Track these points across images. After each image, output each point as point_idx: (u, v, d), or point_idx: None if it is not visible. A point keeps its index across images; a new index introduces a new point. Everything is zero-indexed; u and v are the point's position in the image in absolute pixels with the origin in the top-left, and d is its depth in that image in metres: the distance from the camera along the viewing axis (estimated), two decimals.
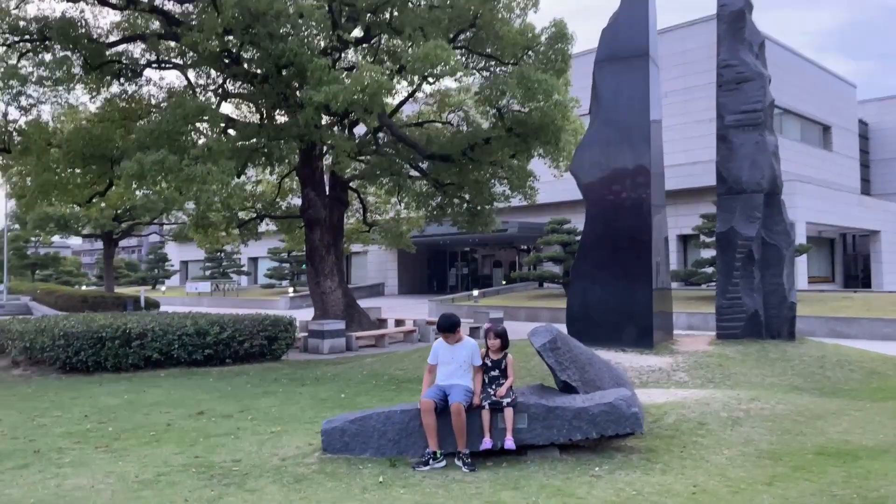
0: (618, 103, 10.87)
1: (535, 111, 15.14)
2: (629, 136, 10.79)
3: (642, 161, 10.68)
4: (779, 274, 11.41)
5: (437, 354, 5.76)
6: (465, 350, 5.69)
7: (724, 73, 12.06)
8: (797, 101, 33.47)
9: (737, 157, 11.66)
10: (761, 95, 11.79)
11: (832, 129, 36.59)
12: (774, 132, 12.22)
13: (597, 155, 11.02)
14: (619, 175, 10.85)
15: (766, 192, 11.54)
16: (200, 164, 12.61)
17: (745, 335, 11.18)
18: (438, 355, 5.74)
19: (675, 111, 30.33)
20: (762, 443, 5.91)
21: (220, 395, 8.77)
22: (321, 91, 12.35)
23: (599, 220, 11.00)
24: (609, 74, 10.95)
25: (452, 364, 5.63)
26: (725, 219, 11.57)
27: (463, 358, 5.64)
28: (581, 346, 6.46)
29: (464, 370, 5.65)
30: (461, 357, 5.65)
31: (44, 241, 41.46)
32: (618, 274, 10.79)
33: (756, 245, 11.33)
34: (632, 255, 10.69)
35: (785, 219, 11.64)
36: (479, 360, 5.68)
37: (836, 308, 19.59)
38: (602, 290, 10.90)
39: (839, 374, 9.54)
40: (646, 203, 10.65)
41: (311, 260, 19.23)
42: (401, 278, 42.71)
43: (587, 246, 11.11)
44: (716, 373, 9.33)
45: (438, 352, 5.76)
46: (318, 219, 19.02)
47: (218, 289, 43.43)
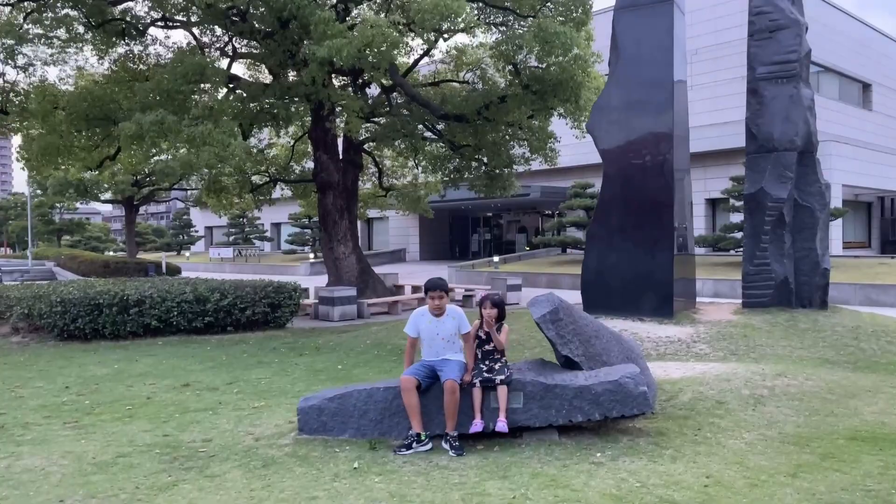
0: (639, 55, 10.06)
1: (553, 66, 14.33)
2: (651, 91, 10.00)
3: (665, 118, 9.89)
4: (811, 238, 10.63)
5: (417, 326, 5.21)
6: (451, 323, 5.14)
7: (757, 21, 11.13)
8: (835, 58, 31.80)
9: (768, 112, 10.79)
10: (797, 45, 10.86)
11: (872, 87, 34.82)
12: (810, 85, 11.31)
13: (615, 111, 10.26)
14: (639, 133, 10.08)
15: (799, 149, 10.70)
16: (201, 125, 12.14)
17: (773, 303, 10.47)
18: (420, 328, 5.19)
19: (705, 69, 29.04)
20: (787, 425, 5.31)
21: (213, 366, 8.39)
22: (324, 46, 11.71)
23: (617, 181, 10.29)
24: (630, 22, 10.12)
25: (437, 339, 5.11)
26: (754, 179, 10.77)
27: (450, 331, 5.12)
28: (588, 317, 5.87)
29: (454, 344, 5.13)
30: (447, 331, 5.12)
31: (68, 207, 41.72)
32: (636, 239, 10.11)
33: (787, 207, 10.54)
34: (652, 219, 9.98)
35: (820, 179, 10.80)
36: (467, 325, 5.15)
37: (872, 275, 18.64)
38: (619, 255, 10.24)
39: (875, 346, 8.83)
40: (668, 163, 9.89)
41: (325, 225, 18.78)
42: (422, 244, 42.24)
43: (604, 209, 10.42)
44: (740, 344, 8.69)
45: (420, 324, 5.21)
46: (330, 182, 18.51)
47: (240, 254, 43.44)
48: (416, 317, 5.28)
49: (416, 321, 5.25)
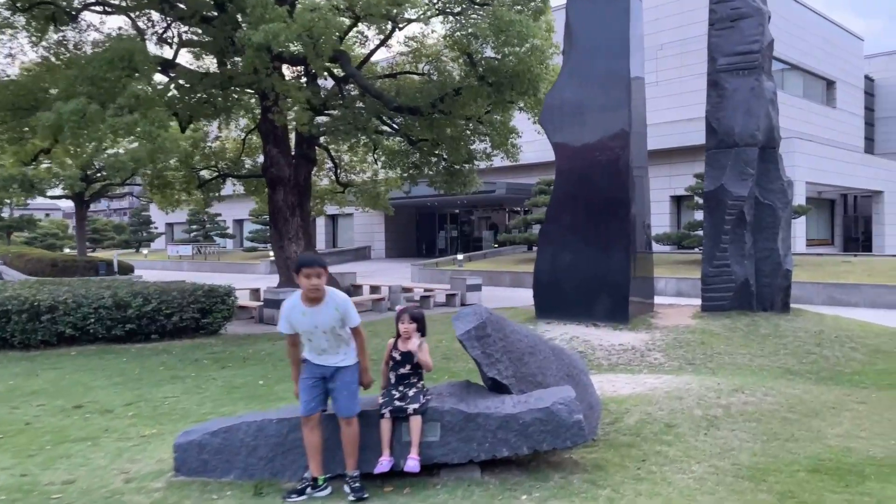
0: (594, 44, 9.44)
1: (509, 58, 13.66)
2: (607, 83, 9.38)
3: (621, 112, 9.29)
4: (773, 238, 10.13)
5: (290, 320, 4.17)
6: (331, 313, 4.11)
7: (718, 10, 10.59)
8: (800, 55, 31.72)
9: (729, 105, 10.27)
10: (759, 34, 10.34)
11: (836, 85, 34.87)
12: (773, 78, 10.80)
13: (569, 104, 9.63)
14: (593, 127, 9.47)
15: (761, 145, 10.20)
16: (127, 115, 11.23)
17: (733, 307, 9.96)
18: (294, 322, 4.17)
19: (671, 64, 28.69)
20: (743, 453, 4.71)
21: (120, 381, 7.56)
22: (261, 30, 10.88)
23: (571, 177, 9.67)
24: (584, 9, 9.49)
25: (318, 333, 4.13)
26: (714, 176, 10.23)
27: (330, 322, 4.11)
28: (523, 330, 5.19)
29: (342, 340, 4.19)
30: (327, 322, 4.10)
31: (17, 203, 39.98)
32: (591, 238, 9.51)
33: (748, 205, 10.02)
34: (607, 217, 9.38)
35: (782, 176, 10.31)
36: (355, 319, 4.20)
37: (836, 273, 18.37)
38: (573, 256, 9.63)
39: (839, 353, 8.34)
40: (623, 159, 9.29)
41: (275, 222, 17.92)
42: (388, 241, 41.42)
43: (557, 206, 9.80)
44: (697, 352, 8.12)
45: (293, 317, 4.16)
46: (280, 178, 17.65)
47: (200, 252, 42.17)
48: (287, 309, 4.19)
49: (287, 314, 4.18)
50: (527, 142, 19.41)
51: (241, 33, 11.41)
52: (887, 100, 43.46)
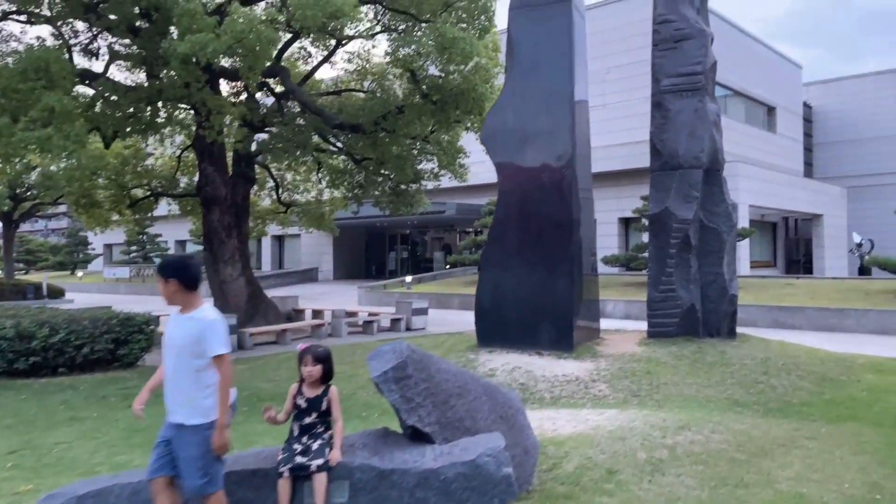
0: (536, 60, 9.11)
1: (453, 75, 13.31)
2: (549, 100, 9.05)
3: (564, 130, 8.96)
4: (718, 262, 9.91)
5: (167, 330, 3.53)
6: (186, 325, 3.39)
7: (661, 30, 10.44)
8: (742, 81, 32.47)
9: (673, 127, 10.07)
10: (702, 56, 10.21)
11: (777, 111, 35.82)
12: (716, 100, 10.68)
13: (511, 120, 9.26)
14: (536, 146, 9.11)
15: (705, 167, 10.01)
16: (40, 129, 10.42)
17: (680, 332, 9.67)
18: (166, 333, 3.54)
19: (619, 88, 28.96)
20: (689, 503, 4.27)
21: (11, 423, 6.75)
22: (186, 41, 10.25)
23: (514, 198, 9.28)
24: (525, 24, 9.17)
25: (168, 356, 3.41)
26: (659, 198, 9.99)
27: (181, 340, 3.37)
28: (452, 367, 4.69)
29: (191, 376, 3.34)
30: (178, 337, 3.39)
31: None
32: (534, 262, 9.10)
33: (693, 229, 9.79)
34: (551, 240, 9.00)
35: (726, 199, 10.14)
36: (219, 346, 3.33)
37: (780, 296, 18.48)
38: (516, 281, 9.20)
39: (786, 381, 8.07)
40: (567, 180, 8.95)
41: (209, 244, 17.09)
42: (337, 263, 40.57)
43: (499, 228, 9.38)
44: (643, 383, 7.75)
45: (168, 326, 3.53)
46: (216, 197, 16.87)
47: (138, 274, 40.53)
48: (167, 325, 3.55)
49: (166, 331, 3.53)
50: (477, 162, 19.07)
51: (165, 44, 10.74)
52: (825, 126, 44.98)
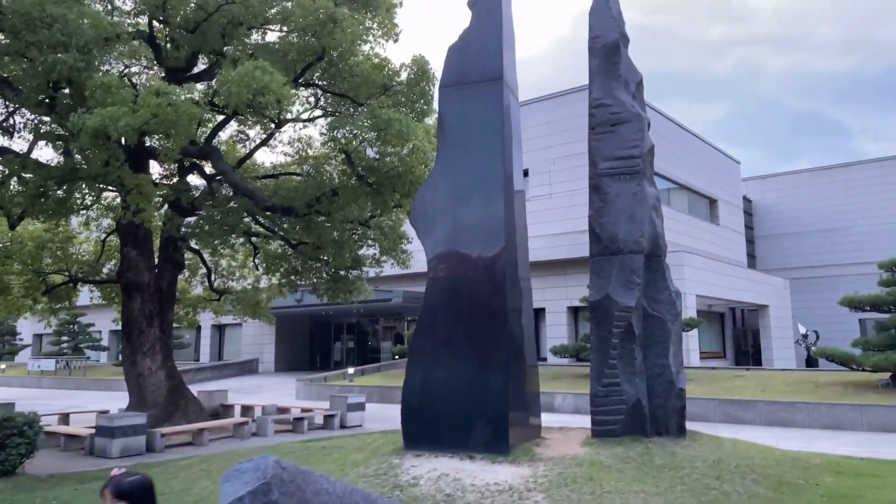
0: (468, 137, 8.65)
1: (389, 157, 12.87)
2: (482, 181, 8.53)
3: (496, 213, 8.39)
4: (664, 353, 9.28)
5: None
6: None
7: (597, 114, 10.21)
8: (685, 174, 33.34)
9: (612, 210, 9.65)
10: (639, 139, 9.95)
11: (718, 203, 36.72)
12: (655, 184, 10.38)
13: (441, 200, 8.68)
14: (468, 229, 8.51)
15: (646, 252, 9.55)
16: None
17: (625, 431, 8.87)
18: None
19: (563, 178, 29.28)
20: None
21: None
22: (97, 114, 9.55)
23: (444, 283, 8.56)
24: (456, 102, 8.77)
25: None
26: (600, 285, 9.42)
27: None
28: (338, 486, 3.76)
29: None
30: None
31: None
32: (466, 354, 8.30)
33: (636, 317, 9.20)
34: (484, 330, 8.24)
35: (669, 286, 9.64)
36: None
37: (730, 388, 17.94)
38: (447, 374, 8.34)
39: (740, 487, 7.29)
40: (500, 265, 8.30)
41: (128, 334, 15.89)
42: (279, 353, 38.90)
43: (429, 317, 8.58)
44: (584, 492, 6.85)
45: None
46: (138, 283, 15.83)
47: (66, 366, 38.01)
48: None
49: None
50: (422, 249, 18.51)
51: (74, 117, 10.01)
52: (764, 219, 46.45)
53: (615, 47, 10.36)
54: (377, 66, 13.28)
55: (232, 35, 12.45)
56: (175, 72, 13.54)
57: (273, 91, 10.21)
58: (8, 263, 16.54)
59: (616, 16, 10.59)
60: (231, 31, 12.15)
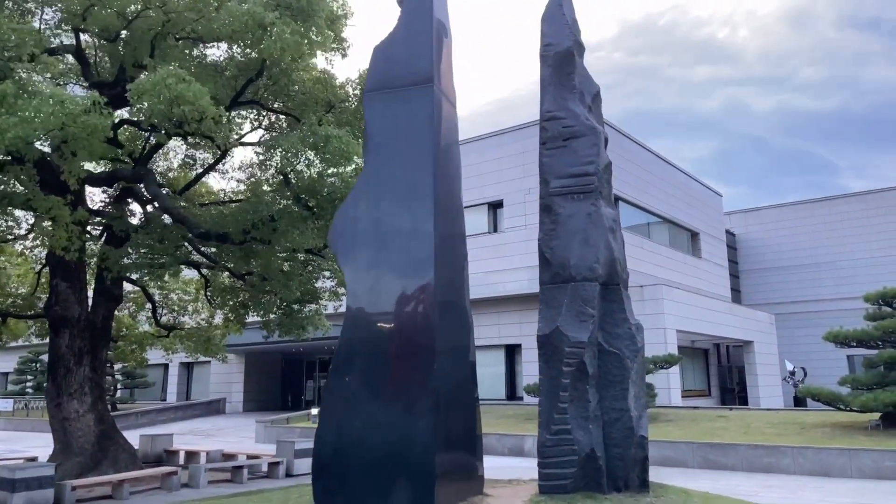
0: (394, 148, 7.62)
1: (331, 178, 11.80)
2: (408, 196, 7.46)
3: (424, 233, 7.31)
4: (622, 395, 8.11)
5: None
6: None
7: (549, 128, 9.21)
8: (665, 206, 32.51)
9: (564, 233, 8.58)
10: (594, 155, 8.94)
11: (700, 236, 35.85)
12: (614, 204, 9.35)
13: (364, 221, 7.59)
14: (393, 251, 7.40)
15: (602, 280, 8.44)
16: None
17: (578, 486, 7.67)
18: None
19: (532, 209, 28.26)
20: None
21: None
22: None
23: (365, 315, 7.42)
24: (382, 108, 7.75)
25: None
26: (549, 317, 8.29)
27: None
28: None
29: None
30: None
31: None
32: (387, 399, 7.12)
33: (590, 354, 8.05)
34: (408, 370, 7.08)
35: (629, 318, 8.51)
36: None
37: (711, 430, 16.71)
38: (365, 423, 7.14)
39: None
40: (429, 293, 7.18)
41: (52, 373, 14.49)
42: (247, 392, 37.24)
43: (346, 353, 7.42)
44: None
45: None
46: (66, 318, 14.49)
47: (24, 407, 36.17)
48: None
49: None
50: None
51: None
52: (748, 254, 45.65)
53: (569, 56, 9.43)
54: (319, 81, 12.30)
55: (162, 48, 11.44)
56: (101, 87, 12.49)
57: (188, 101, 9.14)
58: None
59: (570, 23, 9.68)
60: (160, 42, 11.15)
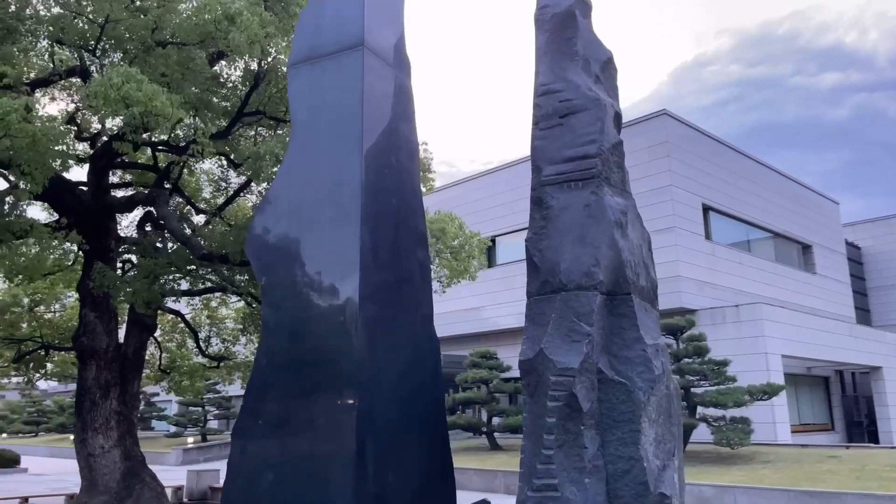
0: (319, 132, 6.20)
1: None
2: (332, 187, 6.01)
3: (349, 226, 5.82)
4: (632, 440, 6.13)
5: None
6: None
7: (542, 104, 7.46)
8: (769, 216, 29.15)
9: (555, 230, 6.79)
10: (596, 132, 7.10)
11: (813, 249, 31.91)
12: (629, 194, 7.43)
13: (285, 217, 6.22)
14: (314, 252, 5.96)
15: (605, 289, 6.56)
16: None
17: None
18: None
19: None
20: None
21: None
22: None
23: (281, 335, 5.99)
24: (307, 83, 6.39)
25: None
26: (534, 338, 6.48)
27: None
28: None
29: None
30: None
31: None
32: (305, 436, 5.62)
33: (585, 385, 6.17)
34: (325, 406, 5.56)
35: (644, 337, 6.54)
36: None
37: (815, 474, 13.88)
38: (278, 467, 5.66)
39: None
40: (352, 307, 5.66)
41: (79, 408, 14.14)
42: None
43: (260, 385, 6.00)
44: None
45: None
46: (94, 350, 14.17)
47: None
48: None
49: None
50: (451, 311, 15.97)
51: None
52: (878, 269, 40.45)
53: (569, 17, 7.68)
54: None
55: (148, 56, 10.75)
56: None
57: (139, 102, 8.20)
58: None
59: None
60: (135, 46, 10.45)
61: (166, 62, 10.18)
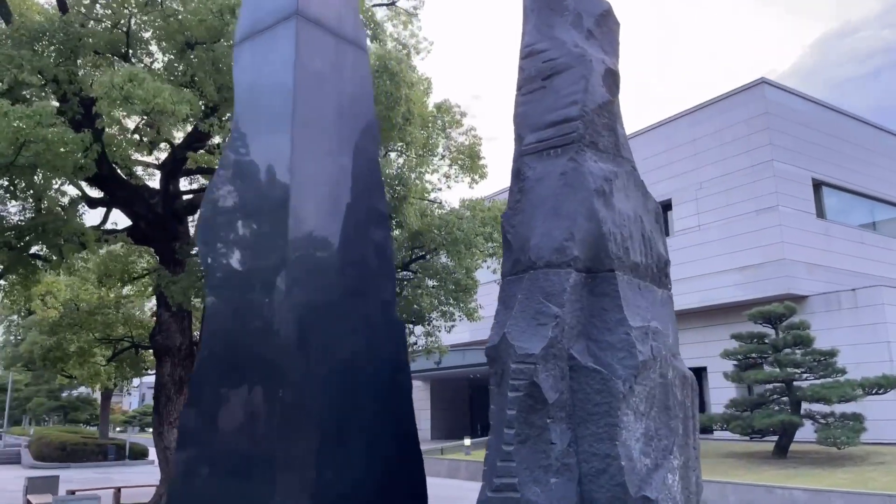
0: (256, 109, 5.93)
1: None
2: (266, 168, 5.71)
3: (277, 211, 5.49)
4: (609, 434, 5.36)
5: None
6: None
7: (526, 67, 6.81)
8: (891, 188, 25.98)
9: (528, 203, 6.13)
10: (580, 91, 6.35)
11: None
12: (619, 160, 6.57)
13: (224, 198, 5.99)
14: (249, 238, 5.69)
15: (581, 266, 5.81)
16: None
17: None
18: None
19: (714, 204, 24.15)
20: None
21: None
22: None
23: (221, 325, 5.76)
24: (248, 60, 6.13)
25: None
26: (501, 322, 5.86)
27: None
28: None
29: None
30: None
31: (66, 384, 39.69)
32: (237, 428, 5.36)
33: (552, 373, 5.47)
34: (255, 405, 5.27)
35: (629, 319, 5.73)
36: None
37: None
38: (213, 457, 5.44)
39: None
40: (278, 294, 5.32)
41: (156, 403, 14.90)
42: (434, 420, 36.91)
43: (201, 377, 5.78)
44: None
45: None
46: (168, 347, 14.93)
47: None
48: None
49: None
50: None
51: None
52: None
53: None
54: None
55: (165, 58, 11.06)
56: None
57: (142, 100, 8.35)
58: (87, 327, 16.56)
59: None
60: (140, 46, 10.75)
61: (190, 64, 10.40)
